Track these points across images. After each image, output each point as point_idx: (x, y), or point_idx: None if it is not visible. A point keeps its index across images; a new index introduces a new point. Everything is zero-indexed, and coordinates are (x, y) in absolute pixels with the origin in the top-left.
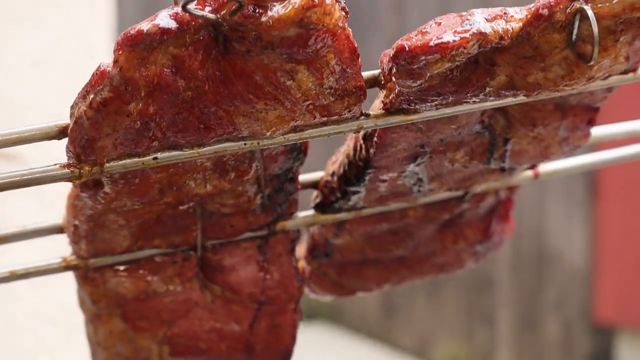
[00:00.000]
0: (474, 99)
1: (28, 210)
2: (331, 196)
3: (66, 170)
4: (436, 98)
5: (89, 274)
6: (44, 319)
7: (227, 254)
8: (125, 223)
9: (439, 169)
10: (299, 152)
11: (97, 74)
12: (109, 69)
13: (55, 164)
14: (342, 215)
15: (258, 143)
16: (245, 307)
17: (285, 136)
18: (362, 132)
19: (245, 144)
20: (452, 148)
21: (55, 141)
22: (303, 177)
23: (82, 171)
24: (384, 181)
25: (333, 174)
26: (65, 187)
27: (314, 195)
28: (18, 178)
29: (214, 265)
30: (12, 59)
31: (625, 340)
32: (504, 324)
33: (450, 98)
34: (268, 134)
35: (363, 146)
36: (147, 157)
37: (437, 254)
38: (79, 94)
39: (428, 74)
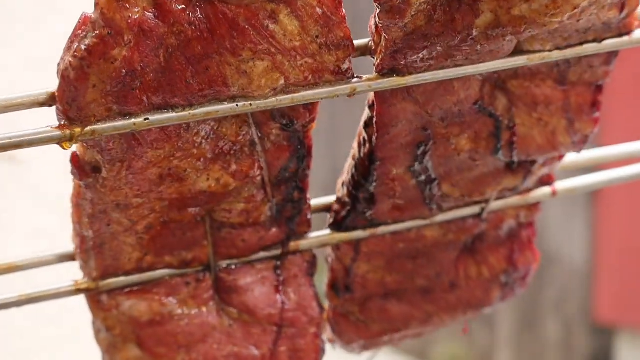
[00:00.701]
0: (464, 46)
1: (28, 211)
2: (343, 211)
3: (57, 132)
4: (424, 44)
5: (101, 299)
6: (44, 319)
7: (242, 274)
8: (130, 225)
9: (446, 162)
10: (302, 147)
11: (80, 21)
12: (90, 14)
13: (47, 126)
14: (358, 234)
15: (250, 104)
16: (264, 330)
17: (277, 98)
18: (362, 121)
19: (237, 105)
20: (455, 131)
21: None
22: (315, 201)
23: (72, 132)
24: (393, 180)
25: (342, 185)
26: (66, 188)
27: (328, 216)
28: (8, 140)
29: (229, 286)
30: (12, 59)
31: (625, 340)
32: (504, 324)
33: (439, 47)
34: (258, 89)
35: (366, 137)
36: (139, 119)
37: (462, 285)
38: (64, 48)
39: (411, 12)
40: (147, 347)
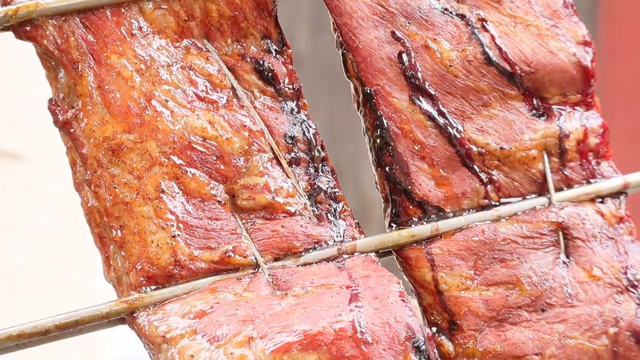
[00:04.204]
0: None
1: (28, 211)
2: (389, 204)
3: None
4: None
5: (150, 318)
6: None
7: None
8: (138, 185)
9: (445, 83)
10: (299, 110)
11: None
12: None
13: None
14: (417, 230)
15: None
16: (337, 293)
17: None
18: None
19: None
20: (429, 35)
21: (53, 140)
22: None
23: (18, 7)
24: (402, 116)
25: (375, 176)
26: (66, 188)
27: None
28: None
29: (287, 272)
30: (13, 59)
31: None
32: None
33: None
34: None
35: (355, 83)
36: None
37: (580, 293)
38: None
39: None
40: (209, 335)
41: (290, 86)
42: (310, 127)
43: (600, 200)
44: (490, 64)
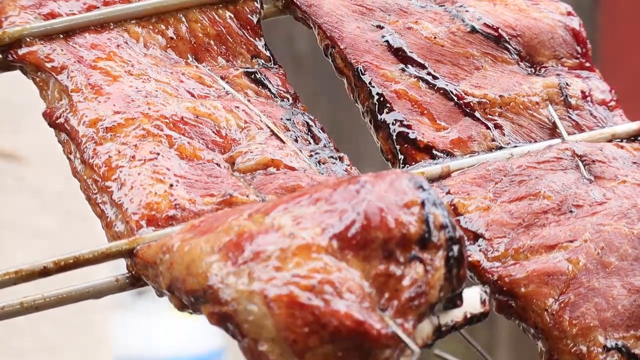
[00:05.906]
0: None
1: (28, 211)
2: (396, 160)
3: None
4: None
5: (151, 243)
6: (44, 319)
7: None
8: (132, 153)
9: (432, 55)
10: (294, 100)
11: None
12: None
13: None
14: (428, 168)
15: None
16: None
17: None
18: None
19: None
20: (410, 19)
21: (53, 140)
22: None
23: (4, 32)
24: (394, 81)
25: (380, 148)
26: (66, 188)
27: None
28: None
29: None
30: None
31: None
32: (504, 324)
33: None
34: None
35: (345, 72)
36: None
37: (609, 194)
38: None
39: None
40: (208, 224)
41: (285, 89)
42: (307, 115)
43: (618, 140)
44: (474, 32)
